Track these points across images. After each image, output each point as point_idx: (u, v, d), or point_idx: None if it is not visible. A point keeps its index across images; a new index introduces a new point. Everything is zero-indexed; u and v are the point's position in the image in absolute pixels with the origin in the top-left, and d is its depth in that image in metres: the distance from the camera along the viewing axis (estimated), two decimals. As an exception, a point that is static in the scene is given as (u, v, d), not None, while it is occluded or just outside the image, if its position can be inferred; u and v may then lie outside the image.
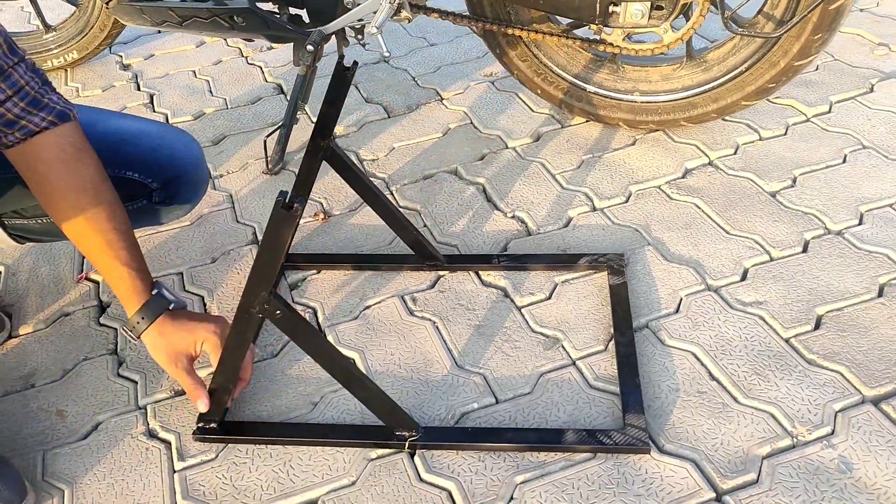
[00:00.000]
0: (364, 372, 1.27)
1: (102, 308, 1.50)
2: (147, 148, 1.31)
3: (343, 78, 1.27)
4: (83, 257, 1.61)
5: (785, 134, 1.82)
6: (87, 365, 1.38)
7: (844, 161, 1.71)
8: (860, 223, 1.53)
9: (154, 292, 1.16)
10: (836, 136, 1.79)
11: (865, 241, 1.48)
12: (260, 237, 1.65)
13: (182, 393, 1.31)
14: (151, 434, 1.25)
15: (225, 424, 1.22)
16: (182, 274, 1.56)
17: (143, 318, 1.15)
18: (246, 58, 2.41)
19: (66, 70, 2.40)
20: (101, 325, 1.46)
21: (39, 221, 1.30)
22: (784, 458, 1.13)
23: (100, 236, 1.10)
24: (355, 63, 1.27)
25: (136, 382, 1.34)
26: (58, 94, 1.10)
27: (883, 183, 1.63)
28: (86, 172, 1.09)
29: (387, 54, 1.61)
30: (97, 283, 1.56)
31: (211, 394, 1.18)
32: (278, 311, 1.05)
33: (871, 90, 1.94)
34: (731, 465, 1.12)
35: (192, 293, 1.51)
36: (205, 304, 1.49)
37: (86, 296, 1.53)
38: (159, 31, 2.43)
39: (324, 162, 1.34)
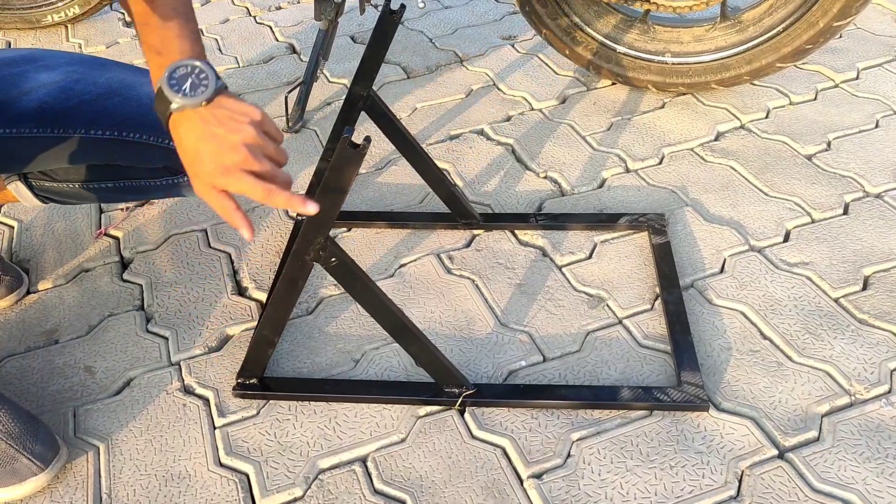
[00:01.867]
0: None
1: (124, 264, 1.44)
2: None
3: (389, 22, 1.21)
4: (100, 212, 1.55)
5: (815, 99, 1.79)
6: (114, 321, 1.32)
7: (877, 126, 1.69)
8: (898, 187, 1.52)
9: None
10: (866, 101, 1.77)
11: (906, 204, 1.47)
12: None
13: (217, 350, 1.26)
14: (187, 390, 1.20)
15: (265, 381, 1.17)
16: (206, 231, 1.50)
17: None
18: (254, 17, 2.34)
19: (67, 26, 2.31)
20: (125, 281, 1.40)
21: (70, 186, 1.23)
22: (844, 416, 1.11)
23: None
24: (403, 6, 1.22)
25: (167, 339, 1.28)
26: None
27: (918, 148, 1.61)
28: None
29: (421, 5, 1.56)
30: (117, 238, 1.50)
31: (254, 346, 1.13)
32: (333, 259, 1.00)
33: (898, 58, 1.92)
34: (792, 423, 1.10)
35: (218, 250, 1.46)
36: (232, 262, 1.43)
37: (106, 251, 1.47)
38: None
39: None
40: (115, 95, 1.13)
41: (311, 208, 0.88)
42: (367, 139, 0.89)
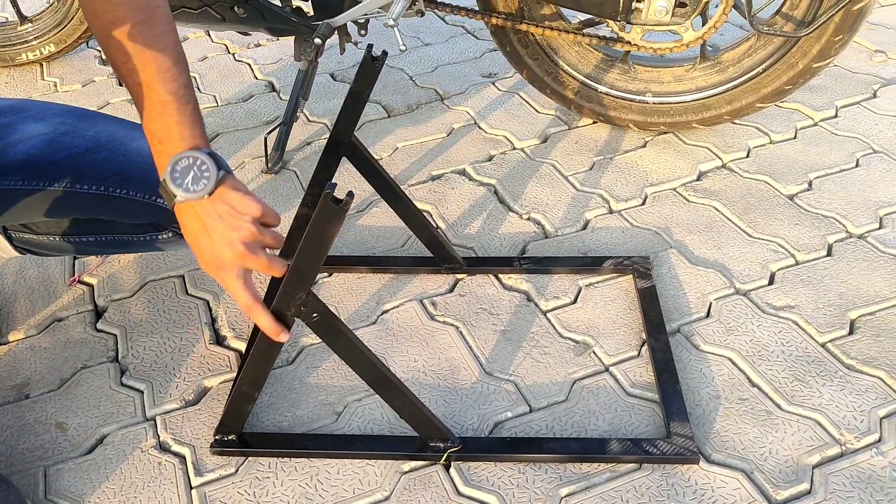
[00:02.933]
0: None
1: (98, 313, 1.40)
2: None
3: (371, 69, 1.20)
4: (74, 259, 1.51)
5: (795, 137, 1.80)
6: (87, 374, 1.28)
7: (857, 165, 1.70)
8: (881, 227, 1.52)
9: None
10: (846, 139, 1.78)
11: (889, 245, 1.47)
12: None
13: (194, 403, 1.22)
14: (163, 447, 1.16)
15: (244, 436, 1.14)
16: (184, 277, 1.47)
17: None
18: (233, 54, 2.32)
19: (43, 64, 2.28)
20: (99, 331, 1.36)
21: (50, 238, 1.20)
22: (835, 467, 1.09)
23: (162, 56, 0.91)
24: (385, 53, 1.20)
25: (142, 392, 1.24)
26: None
27: (898, 187, 1.62)
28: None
29: (403, 47, 1.55)
30: (91, 286, 1.46)
31: (232, 402, 1.10)
32: (315, 314, 0.97)
33: (875, 96, 1.94)
34: (783, 475, 1.08)
35: (196, 297, 1.42)
36: (210, 309, 1.40)
37: (80, 300, 1.43)
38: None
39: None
40: (102, 149, 1.11)
41: (284, 338, 0.96)
42: (350, 194, 0.87)
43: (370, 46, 1.20)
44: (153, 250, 1.22)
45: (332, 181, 1.20)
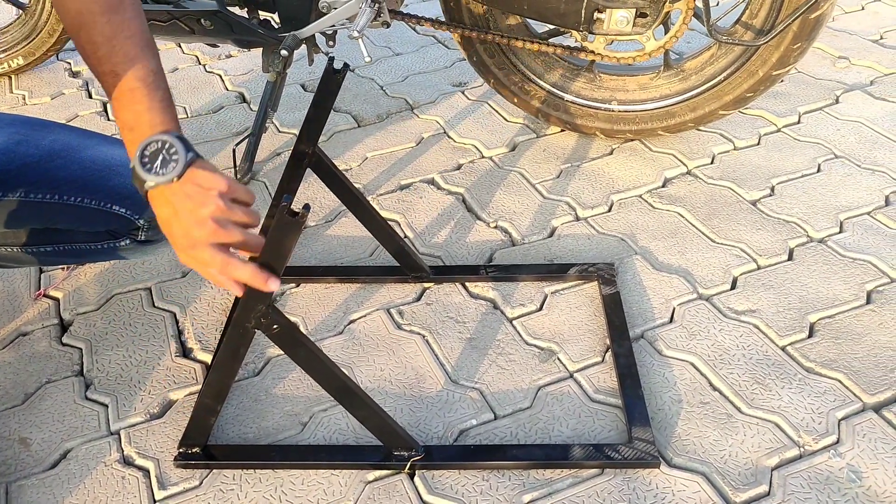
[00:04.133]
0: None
1: (64, 327, 1.40)
2: None
3: (332, 81, 1.21)
4: (40, 272, 1.51)
5: (758, 144, 1.83)
6: (51, 388, 1.27)
7: (819, 170, 1.73)
8: (841, 231, 1.54)
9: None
10: (809, 145, 1.81)
11: (848, 249, 1.49)
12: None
13: (159, 416, 1.22)
14: (127, 461, 1.15)
15: (209, 449, 1.14)
16: (150, 289, 1.47)
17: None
18: (203, 66, 2.32)
19: (11, 77, 2.27)
20: (64, 345, 1.36)
21: (8, 249, 1.19)
22: (793, 469, 1.11)
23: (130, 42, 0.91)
24: (346, 65, 1.21)
25: (107, 406, 1.24)
26: None
27: (858, 191, 1.65)
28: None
29: (368, 59, 1.56)
30: (56, 300, 1.45)
31: (195, 416, 1.10)
32: (275, 326, 0.98)
33: (837, 101, 1.97)
34: (742, 478, 1.10)
35: (163, 309, 1.42)
36: (177, 321, 1.40)
37: (45, 314, 1.42)
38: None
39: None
40: (57, 158, 1.11)
41: (273, 285, 0.90)
42: (307, 207, 0.88)
43: (332, 59, 1.21)
44: (113, 258, 1.22)
45: (287, 194, 1.21)
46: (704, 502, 1.07)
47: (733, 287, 1.43)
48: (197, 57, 2.37)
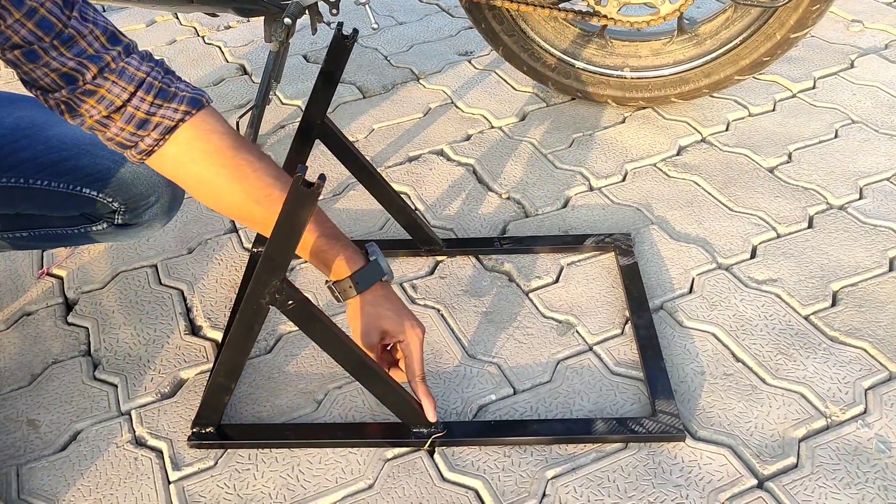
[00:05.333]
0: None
1: (69, 306, 1.37)
2: (108, 160, 1.07)
3: (342, 47, 1.16)
4: (42, 251, 1.47)
5: (774, 109, 1.79)
6: (58, 368, 1.24)
7: (836, 136, 1.69)
8: (861, 197, 1.51)
9: (372, 258, 0.99)
10: (825, 111, 1.77)
11: (869, 216, 1.46)
12: (238, 224, 1.53)
13: (170, 396, 1.19)
14: (139, 442, 1.13)
15: (223, 428, 1.11)
16: (157, 266, 1.43)
17: (357, 283, 0.97)
18: (202, 37, 2.27)
19: None
20: (70, 324, 1.32)
21: None
22: (821, 440, 1.08)
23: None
24: (355, 31, 1.17)
25: (116, 386, 1.21)
26: (183, 80, 0.92)
27: (877, 157, 1.61)
28: (242, 155, 0.93)
29: (375, 26, 1.51)
30: (60, 278, 1.42)
31: (209, 393, 1.07)
32: (291, 301, 0.94)
33: (852, 66, 1.93)
34: (770, 450, 1.07)
35: (170, 287, 1.39)
36: (185, 299, 1.37)
37: (49, 293, 1.39)
38: (104, 9, 2.26)
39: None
40: (22, 138, 1.04)
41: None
42: (322, 177, 0.84)
43: (340, 24, 1.17)
44: (91, 242, 1.17)
45: (304, 164, 1.17)
46: (732, 475, 1.04)
47: (753, 256, 1.39)
48: (195, 28, 2.31)
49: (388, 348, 1.06)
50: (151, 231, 1.18)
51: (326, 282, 0.99)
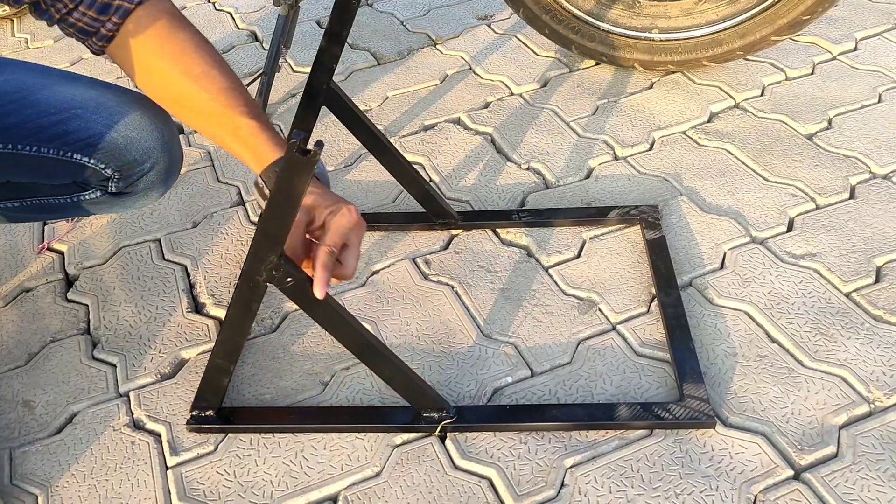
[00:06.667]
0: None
1: (69, 282, 1.32)
2: (100, 125, 1.01)
3: (347, 5, 1.09)
4: (43, 224, 1.42)
5: (812, 73, 1.68)
6: (56, 347, 1.19)
7: (880, 100, 1.58)
8: (907, 166, 1.41)
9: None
10: (867, 74, 1.66)
11: (916, 185, 1.36)
12: (245, 197, 1.47)
13: (170, 377, 1.14)
14: (137, 425, 1.08)
15: (223, 411, 1.06)
16: (160, 241, 1.38)
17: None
18: (213, 3, 2.20)
19: (13, 20, 2.16)
20: (70, 301, 1.28)
21: None
22: (863, 427, 1.00)
23: (220, 96, 0.95)
24: (361, -13, 1.09)
25: (115, 366, 1.16)
26: None
27: (924, 123, 1.51)
28: (185, 36, 0.97)
29: (386, -15, 1.42)
30: (61, 253, 1.37)
31: (207, 376, 1.01)
32: (289, 279, 0.88)
33: (897, 26, 1.81)
34: (807, 438, 0.99)
35: (173, 262, 1.33)
36: (188, 275, 1.31)
37: (49, 268, 1.34)
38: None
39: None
40: (8, 102, 0.98)
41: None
42: (319, 143, 0.77)
43: (345, -20, 1.09)
44: (87, 214, 1.12)
45: (299, 130, 1.10)
46: (766, 465, 0.97)
47: (790, 229, 1.30)
48: (206, -5, 2.24)
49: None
50: (148, 200, 1.12)
51: (256, 183, 0.99)
